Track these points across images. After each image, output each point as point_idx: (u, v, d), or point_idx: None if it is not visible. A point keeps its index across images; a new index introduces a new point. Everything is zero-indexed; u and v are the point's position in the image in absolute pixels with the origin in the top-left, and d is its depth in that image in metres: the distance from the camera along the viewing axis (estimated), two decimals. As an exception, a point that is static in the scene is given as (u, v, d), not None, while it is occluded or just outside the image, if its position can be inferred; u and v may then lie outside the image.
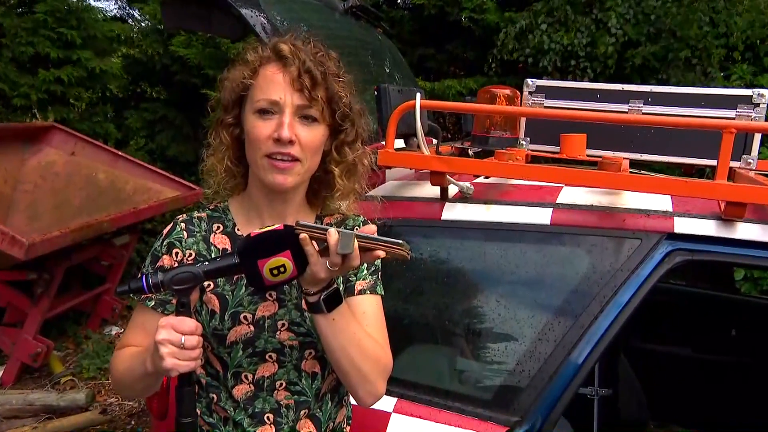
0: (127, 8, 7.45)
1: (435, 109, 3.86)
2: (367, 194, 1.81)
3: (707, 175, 3.24)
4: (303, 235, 0.97)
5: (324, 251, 0.99)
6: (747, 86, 4.40)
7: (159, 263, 1.12)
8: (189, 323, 0.96)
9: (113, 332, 4.50)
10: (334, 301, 1.03)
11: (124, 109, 6.22)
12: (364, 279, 1.18)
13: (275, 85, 1.06)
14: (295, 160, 1.07)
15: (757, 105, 1.91)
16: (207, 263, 1.01)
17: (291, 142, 1.05)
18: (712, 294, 3.05)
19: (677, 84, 4.45)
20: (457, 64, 6.31)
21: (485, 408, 1.53)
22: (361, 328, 1.09)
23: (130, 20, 7.37)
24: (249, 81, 1.08)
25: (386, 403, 1.55)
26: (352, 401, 1.28)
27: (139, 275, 1.01)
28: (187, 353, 0.95)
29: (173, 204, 4.36)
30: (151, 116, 5.93)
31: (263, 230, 0.99)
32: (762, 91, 1.92)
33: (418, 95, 1.68)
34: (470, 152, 2.23)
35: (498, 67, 5.22)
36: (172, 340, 0.94)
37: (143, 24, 6.93)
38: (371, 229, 1.00)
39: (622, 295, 1.49)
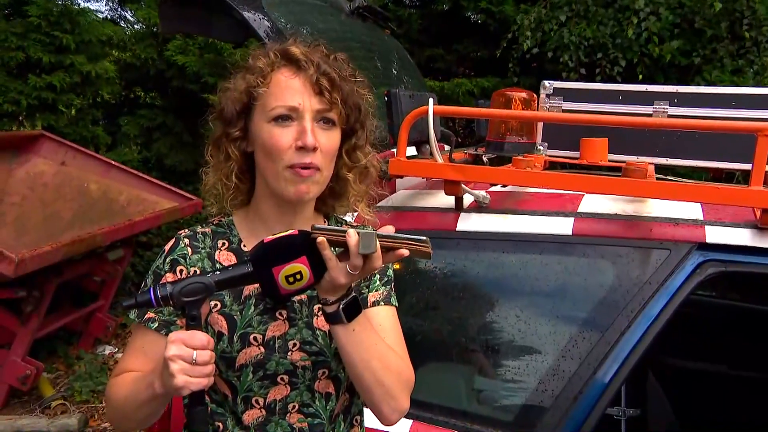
0: (119, 10, 7.53)
1: (448, 115, 3.87)
2: (377, 205, 1.82)
3: (737, 179, 3.23)
4: (320, 239, 0.98)
5: (342, 255, 0.99)
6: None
7: (162, 281, 1.12)
8: (200, 337, 0.96)
9: (107, 352, 4.51)
10: (353, 310, 1.04)
11: (117, 115, 6.27)
12: (377, 290, 1.19)
13: (292, 90, 1.08)
14: (317, 168, 1.08)
15: (793, 104, 1.92)
16: (218, 272, 1.02)
17: (314, 149, 1.07)
18: (747, 306, 3.03)
19: (714, 80, 4.42)
20: (467, 65, 6.35)
21: (506, 430, 1.54)
22: (381, 339, 1.10)
23: (122, 22, 7.45)
24: (259, 89, 1.08)
25: (401, 427, 1.55)
26: (367, 423, 1.28)
27: (146, 288, 1.01)
28: (199, 369, 0.95)
29: (170, 215, 4.38)
30: (148, 123, 5.96)
31: (277, 236, 1.00)
32: (797, 89, 1.92)
33: (431, 100, 1.70)
34: (484, 159, 2.24)
35: (515, 65, 5.21)
36: (183, 355, 0.94)
37: (136, 26, 7.00)
38: (389, 229, 1.01)
39: (650, 309, 1.49)
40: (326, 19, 2.28)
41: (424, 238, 0.99)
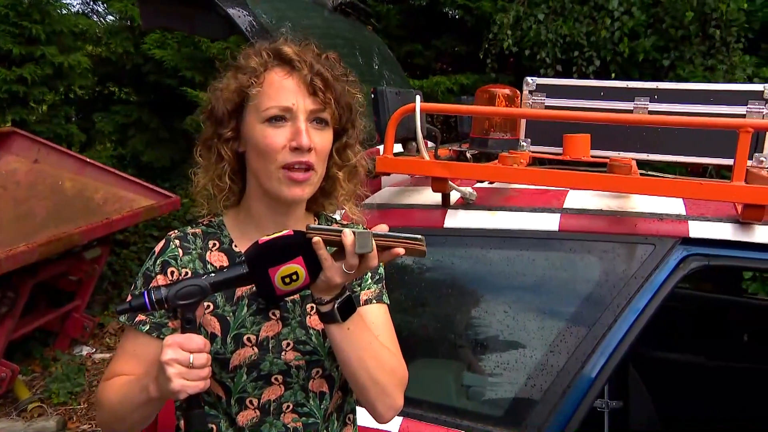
0: (91, 3, 7.38)
1: (435, 112, 3.84)
2: (364, 203, 1.82)
3: (710, 173, 3.29)
4: (316, 239, 0.98)
5: (337, 255, 0.99)
6: (749, 78, 4.47)
7: (153, 284, 1.11)
8: (197, 340, 0.96)
9: (84, 353, 4.44)
10: (348, 309, 1.04)
11: (90, 111, 6.15)
12: (368, 288, 1.19)
13: (285, 90, 1.07)
14: (311, 168, 1.08)
15: (769, 101, 1.95)
16: (213, 274, 1.01)
17: (309, 150, 1.06)
18: (720, 298, 3.10)
19: (686, 75, 4.48)
20: (445, 60, 6.36)
21: (496, 425, 1.55)
22: (375, 338, 1.10)
23: (94, 16, 7.30)
24: (252, 89, 1.07)
25: (391, 423, 1.55)
26: (360, 421, 1.28)
27: (138, 292, 1.00)
28: (196, 373, 0.94)
29: (148, 213, 4.32)
30: (123, 119, 5.86)
31: (272, 236, 0.99)
32: (774, 85, 1.95)
33: (418, 98, 1.70)
34: (468, 155, 2.25)
35: (493, 62, 5.23)
36: (179, 359, 0.93)
37: (108, 19, 6.87)
38: (383, 228, 1.01)
39: (636, 304, 1.52)
40: (309, 15, 2.26)
41: (419, 236, 1.00)
